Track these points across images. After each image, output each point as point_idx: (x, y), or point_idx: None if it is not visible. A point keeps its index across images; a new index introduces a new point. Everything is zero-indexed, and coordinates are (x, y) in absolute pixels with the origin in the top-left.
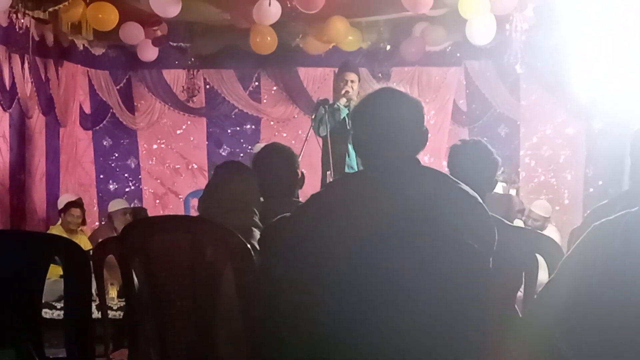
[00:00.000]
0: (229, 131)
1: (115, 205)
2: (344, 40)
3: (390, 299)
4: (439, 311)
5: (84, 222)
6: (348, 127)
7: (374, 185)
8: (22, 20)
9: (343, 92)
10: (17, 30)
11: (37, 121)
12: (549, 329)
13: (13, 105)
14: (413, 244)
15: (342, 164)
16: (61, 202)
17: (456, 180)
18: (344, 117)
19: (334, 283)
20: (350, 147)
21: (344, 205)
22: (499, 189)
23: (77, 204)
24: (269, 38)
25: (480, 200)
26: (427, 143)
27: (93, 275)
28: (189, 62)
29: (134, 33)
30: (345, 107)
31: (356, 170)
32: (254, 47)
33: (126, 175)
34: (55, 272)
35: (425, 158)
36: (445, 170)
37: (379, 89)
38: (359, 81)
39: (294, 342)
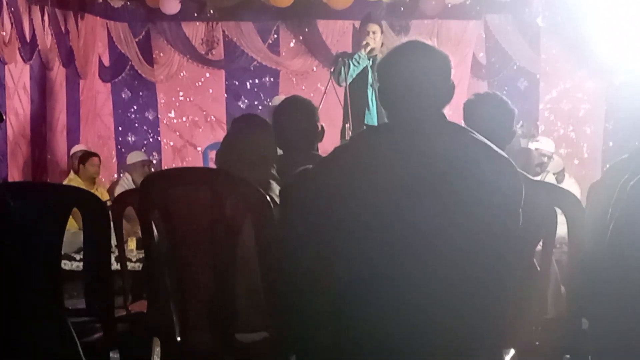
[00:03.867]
0: (247, 84)
1: (134, 157)
2: None
3: (413, 254)
4: (461, 265)
5: None
6: (369, 80)
7: (399, 140)
8: None
9: (364, 43)
10: None
11: (58, 73)
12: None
13: (33, 57)
14: (436, 199)
15: (362, 117)
16: (75, 155)
17: (481, 137)
18: (364, 68)
19: (357, 237)
20: (370, 101)
21: (369, 159)
22: (524, 143)
23: (95, 153)
24: None
25: (507, 157)
26: None
27: (112, 227)
28: (208, 15)
29: None
30: (369, 58)
31: (375, 124)
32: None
33: (145, 127)
34: (75, 224)
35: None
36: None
37: (406, 42)
38: (382, 33)
39: (314, 296)
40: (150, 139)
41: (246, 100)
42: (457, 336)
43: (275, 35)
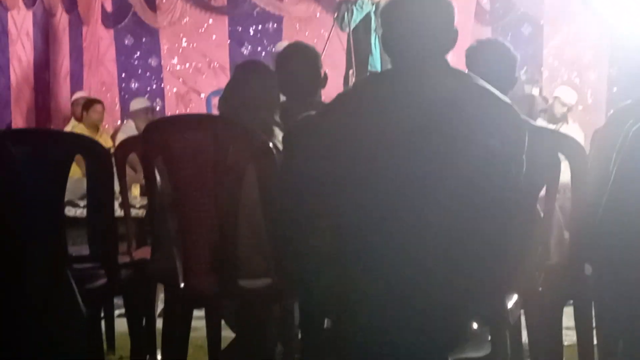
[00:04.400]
0: (250, 30)
1: (137, 104)
2: None
3: (415, 199)
4: (461, 211)
5: None
6: (372, 25)
7: (401, 85)
8: None
9: None
10: None
11: (61, 20)
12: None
13: (36, 4)
14: (439, 144)
15: (365, 63)
16: (77, 102)
17: (484, 83)
18: (367, 14)
19: (359, 182)
20: (373, 46)
21: (371, 105)
22: (528, 89)
23: (99, 100)
24: None
25: (510, 102)
26: None
27: (115, 173)
28: None
29: None
30: (372, 4)
31: (378, 70)
32: None
33: (148, 74)
34: (79, 170)
35: (447, 57)
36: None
37: None
38: None
39: (316, 241)
40: (154, 86)
41: (249, 47)
42: (460, 282)
43: None
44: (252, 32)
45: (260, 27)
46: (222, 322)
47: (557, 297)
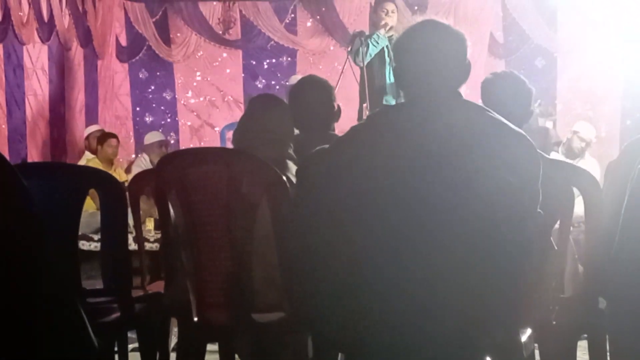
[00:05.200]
0: (265, 63)
1: (151, 137)
2: None
3: (429, 231)
4: (475, 245)
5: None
6: (387, 59)
7: (415, 119)
8: None
9: (382, 23)
10: None
11: (76, 54)
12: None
13: (51, 38)
14: (453, 177)
15: (379, 96)
16: (92, 135)
17: (498, 116)
18: (382, 48)
19: (372, 215)
20: (387, 79)
21: (385, 138)
22: (542, 122)
23: (114, 134)
24: None
25: (524, 134)
26: None
27: (129, 207)
28: None
29: None
30: (388, 37)
31: (393, 103)
32: None
33: (162, 108)
34: (92, 204)
35: (461, 90)
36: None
37: (422, 21)
38: (397, 11)
39: (329, 274)
40: (168, 119)
41: (263, 80)
42: (474, 315)
43: (292, 15)
44: (266, 66)
45: (274, 60)
46: (236, 356)
47: (571, 331)
